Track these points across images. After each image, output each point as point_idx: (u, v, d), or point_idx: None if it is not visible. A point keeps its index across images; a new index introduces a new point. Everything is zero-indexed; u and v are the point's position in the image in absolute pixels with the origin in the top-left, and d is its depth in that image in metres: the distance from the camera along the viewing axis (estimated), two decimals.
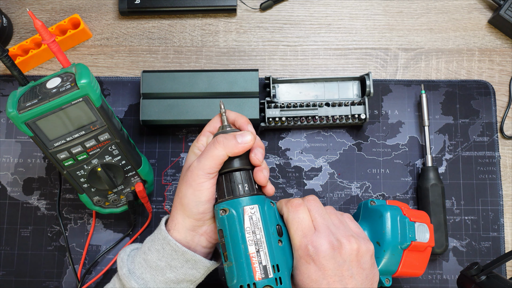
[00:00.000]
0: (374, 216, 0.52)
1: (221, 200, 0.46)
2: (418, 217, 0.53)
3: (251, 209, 0.45)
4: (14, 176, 0.64)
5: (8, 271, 0.63)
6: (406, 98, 0.67)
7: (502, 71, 0.69)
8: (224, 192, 0.46)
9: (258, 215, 0.45)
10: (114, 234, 0.64)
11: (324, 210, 0.48)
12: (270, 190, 0.48)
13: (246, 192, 0.46)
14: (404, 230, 0.51)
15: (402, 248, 0.50)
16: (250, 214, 0.44)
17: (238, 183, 0.46)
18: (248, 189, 0.46)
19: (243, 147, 0.46)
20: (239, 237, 0.44)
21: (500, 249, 0.64)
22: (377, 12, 0.70)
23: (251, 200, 0.45)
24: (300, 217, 0.46)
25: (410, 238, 0.51)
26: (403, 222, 0.51)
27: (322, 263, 0.44)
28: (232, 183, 0.46)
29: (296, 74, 0.68)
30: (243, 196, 0.45)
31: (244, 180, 0.46)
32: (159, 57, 0.68)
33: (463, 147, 0.66)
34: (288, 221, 0.47)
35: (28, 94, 0.47)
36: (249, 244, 0.44)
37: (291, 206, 0.47)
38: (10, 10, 0.69)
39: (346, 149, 0.66)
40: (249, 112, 0.62)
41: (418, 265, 0.52)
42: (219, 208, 0.45)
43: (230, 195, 0.46)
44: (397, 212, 0.51)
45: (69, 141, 0.50)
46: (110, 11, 0.69)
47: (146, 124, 0.63)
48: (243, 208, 0.45)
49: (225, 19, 0.69)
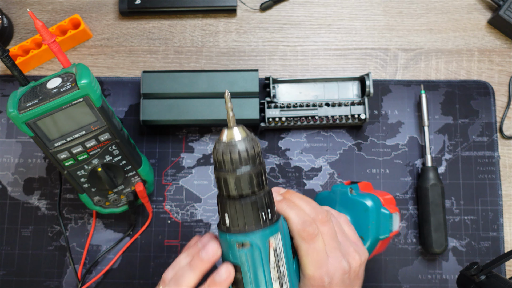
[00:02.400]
0: (357, 208, 0.51)
1: (236, 230, 0.38)
2: (390, 204, 0.53)
3: (275, 240, 0.38)
4: (14, 176, 0.65)
5: (8, 270, 0.63)
6: (406, 98, 0.67)
7: (501, 72, 0.69)
8: (242, 221, 0.37)
9: (280, 245, 0.39)
10: (115, 234, 0.64)
11: (334, 230, 0.44)
12: None
13: (270, 220, 0.38)
14: (385, 224, 0.51)
15: (380, 239, 0.51)
16: (275, 246, 0.38)
17: (260, 209, 0.37)
18: (270, 214, 0.38)
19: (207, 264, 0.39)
20: (263, 275, 0.38)
21: (499, 249, 0.64)
22: (377, 13, 0.70)
23: (275, 229, 0.38)
24: (316, 248, 0.42)
25: (389, 231, 0.51)
26: (384, 216, 0.51)
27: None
28: (254, 210, 0.37)
29: (296, 74, 0.68)
30: (267, 225, 0.38)
31: (266, 205, 0.38)
32: (160, 57, 0.68)
33: (462, 147, 0.66)
34: (302, 250, 0.42)
35: (28, 94, 0.48)
36: (273, 280, 0.38)
37: (308, 236, 0.41)
38: (11, 10, 0.69)
39: (346, 149, 0.66)
40: (249, 112, 0.62)
41: (383, 247, 0.54)
42: (236, 240, 0.37)
43: (252, 225, 0.37)
44: (379, 205, 0.51)
45: (69, 141, 0.50)
46: (111, 11, 0.69)
47: (147, 124, 0.63)
48: (268, 241, 0.38)
49: (225, 19, 0.70)
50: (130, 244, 0.64)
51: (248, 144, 0.37)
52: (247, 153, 0.37)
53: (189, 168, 0.65)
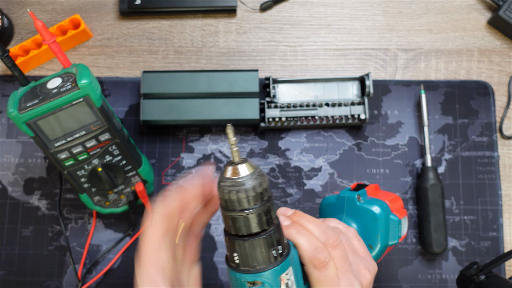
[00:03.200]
0: (365, 217, 0.50)
1: (246, 269, 0.36)
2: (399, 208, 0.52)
3: (286, 275, 0.37)
4: (15, 176, 0.65)
5: (8, 270, 0.63)
6: (406, 98, 0.67)
7: (501, 72, 0.69)
8: (252, 261, 0.36)
9: (292, 278, 0.37)
10: (115, 234, 0.64)
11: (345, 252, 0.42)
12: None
13: (280, 256, 0.36)
14: (394, 231, 0.50)
15: (389, 245, 0.50)
16: (286, 280, 0.37)
17: (270, 247, 0.36)
18: (281, 249, 0.36)
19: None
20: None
21: (499, 248, 0.64)
22: (377, 13, 0.70)
23: (286, 264, 0.37)
24: (328, 274, 0.40)
25: (398, 237, 0.50)
26: (393, 223, 0.50)
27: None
28: (264, 249, 0.36)
29: (296, 74, 0.68)
30: (278, 263, 0.36)
31: (277, 241, 0.36)
32: (160, 57, 0.68)
33: (462, 147, 0.66)
34: (314, 278, 0.40)
35: (28, 94, 0.48)
36: None
37: (319, 265, 0.40)
38: (11, 10, 0.69)
39: (346, 149, 0.66)
40: (249, 112, 0.63)
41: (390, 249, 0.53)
42: (246, 280, 0.36)
43: (262, 265, 0.36)
44: (388, 212, 0.50)
45: (69, 141, 0.50)
46: (111, 11, 0.69)
47: (147, 124, 0.63)
48: (280, 278, 0.36)
49: (225, 19, 0.70)
50: (130, 244, 0.64)
51: (255, 181, 0.34)
52: (255, 191, 0.34)
53: (189, 168, 0.65)
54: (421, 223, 0.63)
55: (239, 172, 0.34)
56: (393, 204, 0.52)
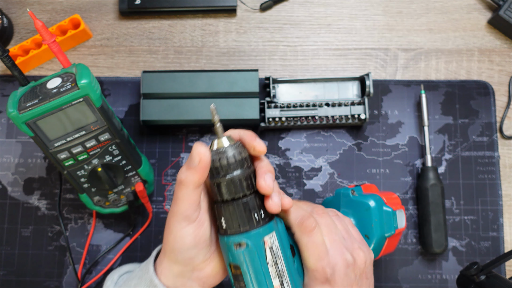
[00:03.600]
0: (359, 209, 0.52)
1: (232, 232, 0.40)
2: (394, 202, 0.54)
3: (270, 239, 0.40)
4: (14, 176, 0.65)
5: (8, 270, 0.63)
6: (406, 98, 0.67)
7: (501, 71, 0.69)
8: (236, 223, 0.40)
9: (277, 243, 0.40)
10: (115, 234, 0.64)
11: (333, 223, 0.45)
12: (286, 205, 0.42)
13: (262, 220, 0.40)
14: (389, 221, 0.51)
15: (386, 236, 0.51)
16: (270, 244, 0.40)
17: (252, 211, 0.40)
18: (264, 215, 0.40)
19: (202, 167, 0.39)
20: (262, 273, 0.39)
21: (499, 249, 0.64)
22: (377, 13, 0.70)
23: (269, 228, 0.40)
24: (315, 240, 0.42)
25: (394, 228, 0.52)
26: (387, 213, 0.51)
27: (337, 281, 0.43)
28: (246, 212, 0.40)
29: (296, 74, 0.68)
30: (260, 225, 0.40)
31: (257, 206, 0.40)
32: (159, 57, 0.68)
33: (462, 147, 0.66)
34: (302, 244, 0.43)
35: (28, 94, 0.48)
36: (272, 277, 0.40)
37: (306, 229, 0.42)
38: (11, 10, 0.69)
39: (346, 149, 0.66)
40: (249, 112, 0.62)
41: (393, 245, 0.54)
42: (233, 242, 0.40)
43: (245, 226, 0.40)
44: (381, 203, 0.52)
45: (69, 141, 0.50)
46: (111, 11, 0.69)
47: (146, 124, 0.63)
48: (263, 240, 0.40)
49: (225, 19, 0.70)
50: (130, 244, 0.64)
51: (236, 150, 0.40)
52: (235, 158, 0.39)
53: None
54: (421, 223, 0.63)
55: (222, 144, 0.40)
56: (388, 199, 0.54)
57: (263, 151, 0.41)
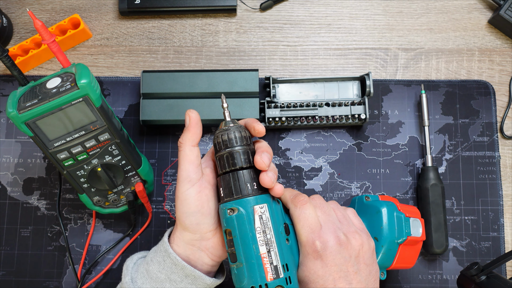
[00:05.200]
0: (370, 212, 0.52)
1: (228, 199, 0.45)
2: (411, 212, 0.54)
3: (260, 208, 0.44)
4: (14, 176, 0.65)
5: (8, 271, 0.63)
6: (406, 98, 0.67)
7: (502, 71, 0.69)
8: (231, 191, 0.44)
9: (267, 215, 0.44)
10: (114, 234, 0.64)
11: (328, 206, 0.48)
12: (278, 190, 0.45)
13: (254, 191, 0.44)
14: (400, 226, 0.52)
15: (398, 243, 0.51)
16: (260, 213, 0.43)
17: (246, 181, 0.44)
18: (256, 187, 0.45)
19: (193, 126, 0.46)
20: (249, 237, 0.43)
21: (500, 249, 0.64)
22: (377, 12, 0.70)
23: (260, 199, 0.44)
24: (307, 213, 0.46)
25: (406, 233, 0.52)
26: (399, 218, 0.52)
27: (329, 258, 0.44)
28: (240, 181, 0.44)
29: (296, 74, 0.68)
30: (252, 195, 0.44)
31: (251, 178, 0.45)
32: (159, 57, 0.68)
33: (463, 147, 0.66)
34: (295, 216, 0.46)
35: (28, 94, 0.47)
36: (260, 244, 0.43)
37: (298, 202, 0.47)
38: (10, 10, 0.69)
39: (346, 149, 0.66)
40: (249, 112, 0.62)
41: (411, 258, 0.53)
42: (227, 207, 0.44)
43: (238, 194, 0.44)
44: (393, 208, 0.52)
45: (69, 141, 0.50)
46: (110, 11, 0.69)
47: (146, 124, 0.63)
48: (253, 207, 0.43)
49: (225, 19, 0.69)
50: (130, 244, 0.63)
51: (237, 129, 0.46)
52: (235, 135, 0.45)
53: None
54: None
55: (228, 124, 0.46)
56: (405, 207, 0.54)
57: (262, 131, 0.46)
